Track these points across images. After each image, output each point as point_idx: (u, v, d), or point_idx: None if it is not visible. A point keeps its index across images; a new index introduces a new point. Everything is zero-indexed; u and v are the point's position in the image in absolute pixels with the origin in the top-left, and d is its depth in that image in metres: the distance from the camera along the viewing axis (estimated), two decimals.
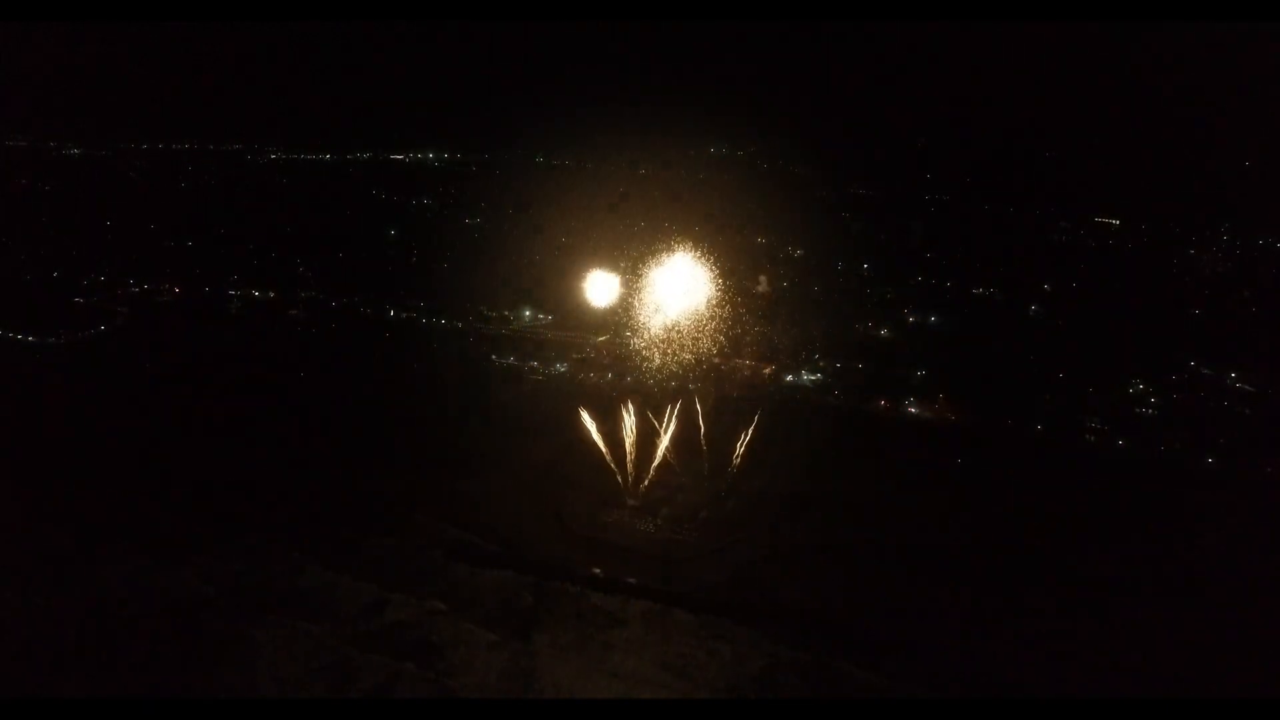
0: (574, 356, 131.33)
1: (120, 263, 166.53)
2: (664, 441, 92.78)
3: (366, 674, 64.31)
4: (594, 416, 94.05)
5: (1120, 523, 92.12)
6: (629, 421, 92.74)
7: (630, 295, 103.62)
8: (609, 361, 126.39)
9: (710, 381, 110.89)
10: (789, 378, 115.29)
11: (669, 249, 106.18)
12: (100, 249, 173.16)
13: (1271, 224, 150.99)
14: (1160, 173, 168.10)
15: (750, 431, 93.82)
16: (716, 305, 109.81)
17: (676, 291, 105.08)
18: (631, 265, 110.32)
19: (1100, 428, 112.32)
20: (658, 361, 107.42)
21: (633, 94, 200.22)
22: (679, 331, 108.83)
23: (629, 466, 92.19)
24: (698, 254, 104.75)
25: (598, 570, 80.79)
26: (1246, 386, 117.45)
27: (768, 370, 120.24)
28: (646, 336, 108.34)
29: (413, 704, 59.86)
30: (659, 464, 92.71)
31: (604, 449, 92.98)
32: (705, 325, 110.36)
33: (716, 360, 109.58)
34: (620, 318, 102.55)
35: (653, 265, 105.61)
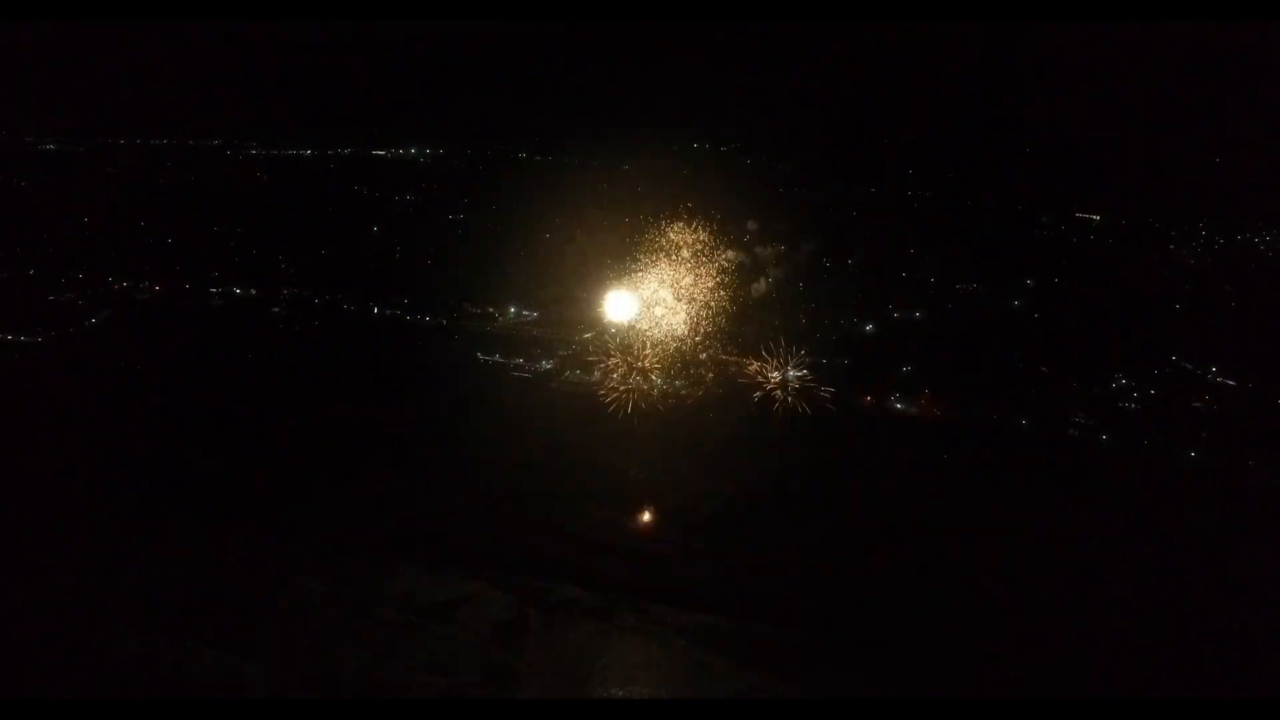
0: (560, 353, 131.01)
1: (99, 260, 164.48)
2: (650, 437, 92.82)
3: (350, 679, 64.16)
4: (580, 414, 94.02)
5: (1104, 517, 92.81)
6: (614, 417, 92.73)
7: (615, 292, 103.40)
8: (595, 358, 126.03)
9: (696, 378, 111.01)
10: (774, 374, 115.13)
11: (653, 245, 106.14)
12: (78, 246, 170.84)
13: (1250, 219, 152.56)
14: (1140, 169, 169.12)
15: (736, 428, 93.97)
16: (701, 301, 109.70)
17: (661, 288, 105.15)
18: (616, 262, 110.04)
19: (1084, 422, 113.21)
20: (645, 357, 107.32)
21: (616, 91, 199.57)
22: (664, 328, 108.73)
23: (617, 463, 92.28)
24: (682, 250, 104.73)
25: (584, 568, 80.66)
26: (1228, 381, 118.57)
27: (753, 367, 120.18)
28: (633, 333, 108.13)
29: (411, 704, 59.72)
30: (647, 460, 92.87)
31: (592, 447, 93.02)
32: (690, 321, 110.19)
33: (702, 356, 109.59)
34: (606, 314, 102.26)
35: (637, 262, 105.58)
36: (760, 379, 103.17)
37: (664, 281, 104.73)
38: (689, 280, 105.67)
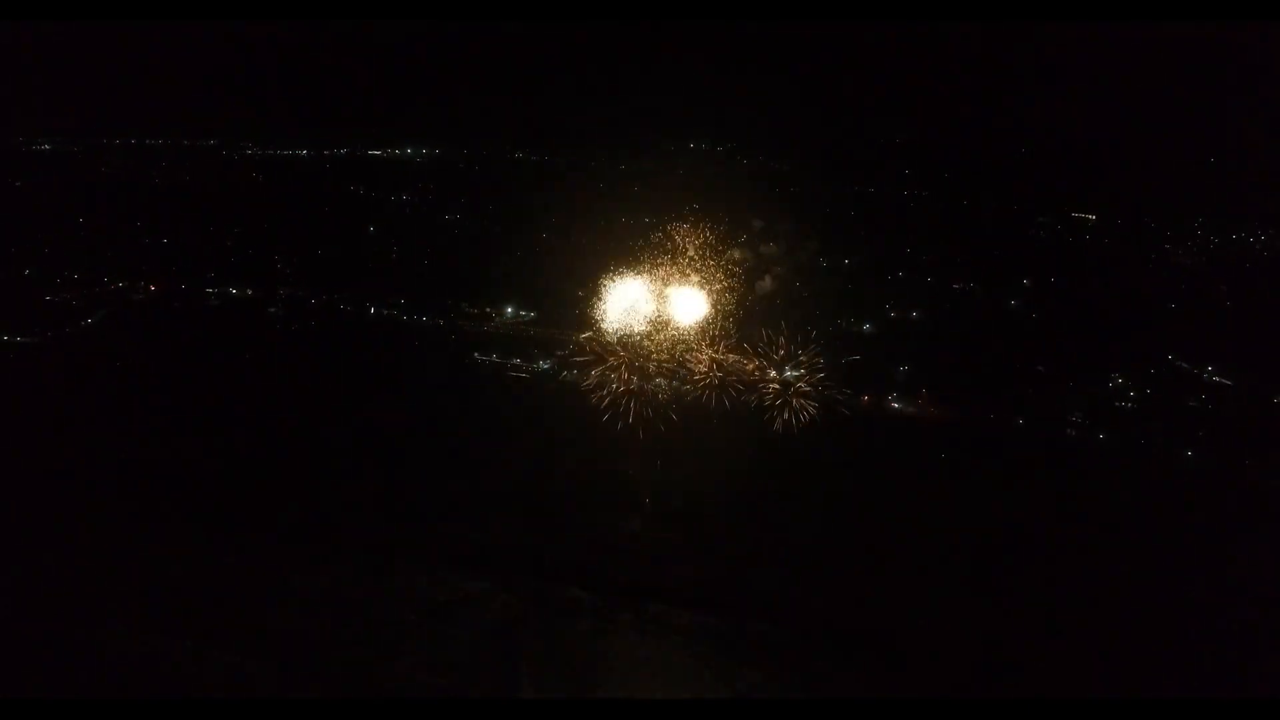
0: (557, 353, 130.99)
1: (95, 260, 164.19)
2: (649, 437, 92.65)
3: (350, 679, 64.05)
4: (579, 414, 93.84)
5: (1102, 516, 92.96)
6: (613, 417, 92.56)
7: (612, 291, 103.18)
8: (593, 358, 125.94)
9: (694, 377, 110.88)
10: (772, 373, 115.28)
11: (650, 245, 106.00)
12: (74, 246, 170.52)
13: (1247, 219, 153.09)
14: (1137, 168, 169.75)
15: (735, 427, 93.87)
16: (699, 301, 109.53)
17: (658, 287, 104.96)
18: (613, 261, 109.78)
19: (1081, 422, 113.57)
20: (643, 357, 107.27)
21: (612, 90, 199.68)
22: (662, 327, 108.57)
23: (616, 462, 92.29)
24: (679, 250, 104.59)
25: (584, 568, 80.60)
26: (1224, 380, 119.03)
27: (750, 366, 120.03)
28: (630, 332, 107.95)
29: (411, 704, 59.57)
30: (646, 460, 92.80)
31: (591, 446, 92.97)
32: (689, 320, 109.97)
33: (701, 355, 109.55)
34: (604, 314, 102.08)
35: (635, 261, 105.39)
36: (758, 377, 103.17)
37: (662, 281, 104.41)
38: (687, 280, 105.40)
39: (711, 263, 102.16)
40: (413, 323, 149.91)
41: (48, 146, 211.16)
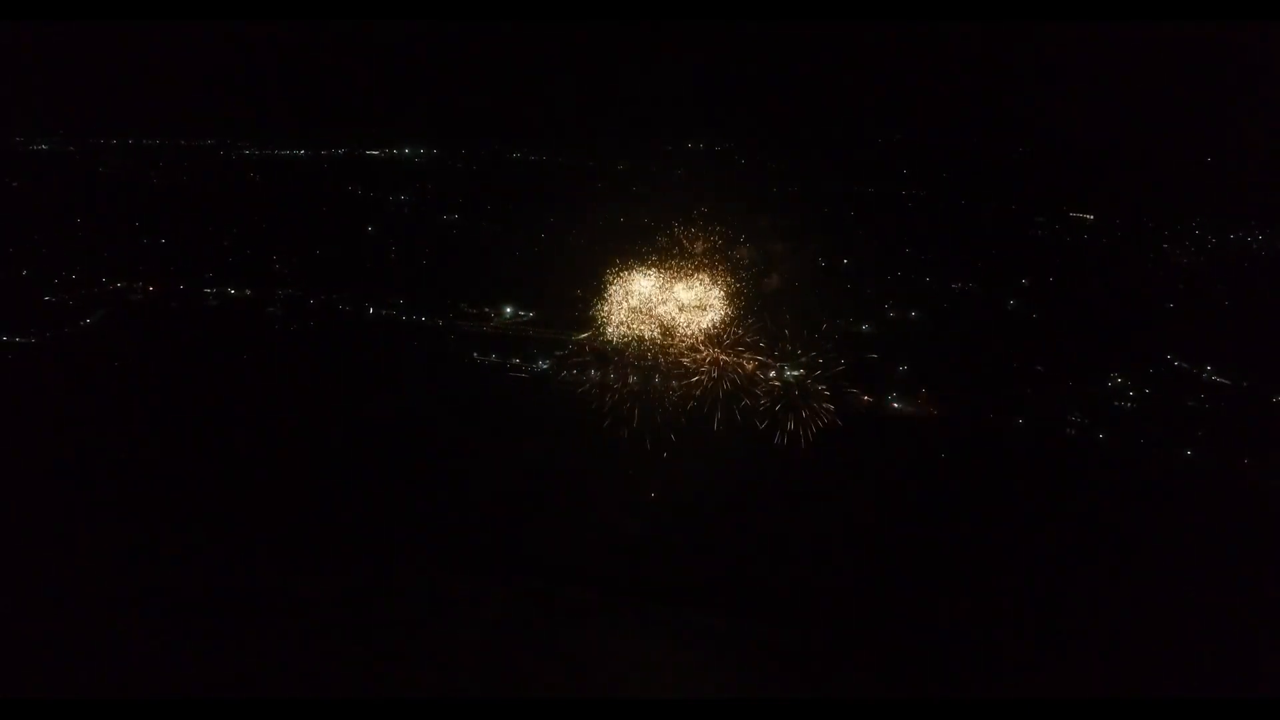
0: (556, 353, 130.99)
1: (92, 261, 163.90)
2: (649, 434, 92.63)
3: (350, 678, 64.05)
4: (578, 414, 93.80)
5: (1101, 515, 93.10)
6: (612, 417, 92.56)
7: (610, 292, 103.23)
8: (592, 358, 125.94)
9: (694, 377, 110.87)
10: (771, 373, 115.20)
11: (649, 245, 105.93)
12: (71, 247, 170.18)
13: (1245, 219, 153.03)
14: (1134, 168, 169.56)
15: (735, 427, 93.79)
16: (699, 301, 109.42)
17: (658, 287, 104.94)
18: (612, 261, 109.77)
19: (1081, 421, 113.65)
20: (643, 357, 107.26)
21: (612, 91, 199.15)
22: (662, 327, 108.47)
23: (616, 462, 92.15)
24: (678, 250, 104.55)
25: (585, 568, 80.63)
26: (1223, 380, 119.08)
27: (749, 365, 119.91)
28: (628, 333, 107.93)
29: (411, 704, 59.49)
30: (646, 460, 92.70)
31: (590, 447, 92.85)
32: (688, 320, 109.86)
33: (701, 355, 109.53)
34: (603, 314, 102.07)
35: (634, 261, 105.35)
36: (758, 377, 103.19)
37: (661, 281, 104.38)
38: (686, 280, 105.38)
39: (711, 262, 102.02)
40: (411, 323, 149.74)
41: (45, 146, 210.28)
